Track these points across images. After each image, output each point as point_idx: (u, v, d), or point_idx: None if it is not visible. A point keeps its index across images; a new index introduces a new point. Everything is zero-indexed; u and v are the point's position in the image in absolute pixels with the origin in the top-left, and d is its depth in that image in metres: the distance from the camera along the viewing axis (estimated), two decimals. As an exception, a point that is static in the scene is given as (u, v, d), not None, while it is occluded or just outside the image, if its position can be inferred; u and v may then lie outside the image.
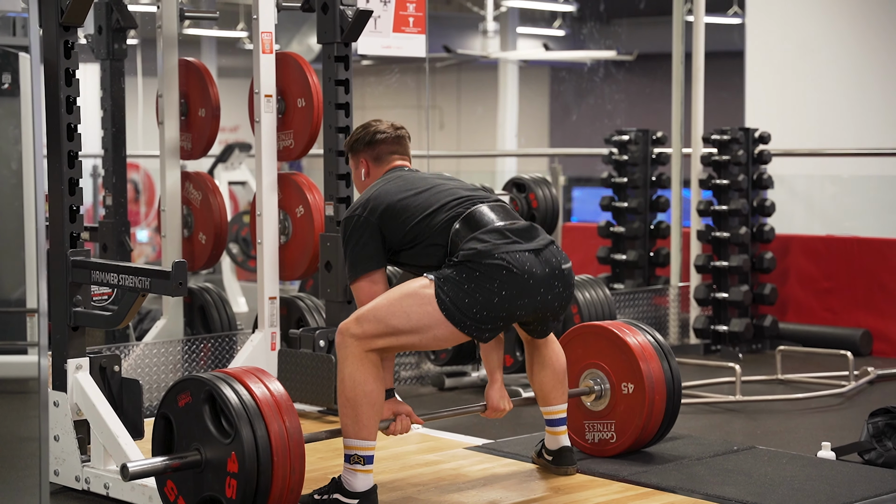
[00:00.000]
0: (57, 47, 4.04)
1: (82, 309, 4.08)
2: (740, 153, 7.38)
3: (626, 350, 4.27)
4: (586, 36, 14.82)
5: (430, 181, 3.87)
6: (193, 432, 3.46)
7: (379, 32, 5.70)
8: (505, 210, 3.81)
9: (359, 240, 3.78)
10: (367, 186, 4.03)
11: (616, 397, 4.30)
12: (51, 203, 4.12)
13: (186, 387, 3.50)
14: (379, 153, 4.04)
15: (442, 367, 6.26)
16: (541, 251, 3.71)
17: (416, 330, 3.63)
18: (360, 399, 3.63)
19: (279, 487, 3.38)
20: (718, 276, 7.39)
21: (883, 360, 6.99)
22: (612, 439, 4.33)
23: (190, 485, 3.47)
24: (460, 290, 3.61)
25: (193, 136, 5.74)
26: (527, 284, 3.66)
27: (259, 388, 3.45)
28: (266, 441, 3.37)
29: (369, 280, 3.79)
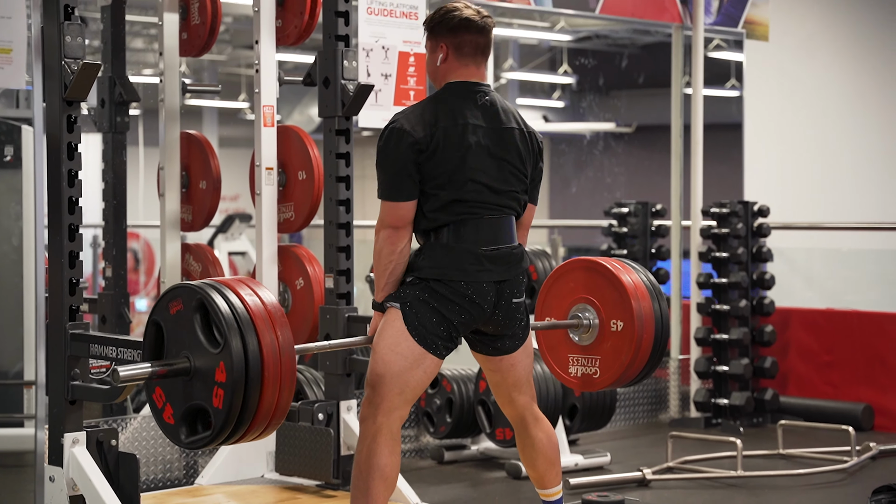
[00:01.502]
0: (60, 121, 4.06)
1: (80, 382, 4.07)
2: (739, 226, 7.39)
3: (618, 286, 4.15)
4: (585, 108, 14.92)
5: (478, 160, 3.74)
6: (183, 340, 3.38)
7: (380, 106, 5.74)
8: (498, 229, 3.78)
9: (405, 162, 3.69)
10: (440, 76, 3.86)
11: (604, 333, 4.18)
12: (50, 276, 4.12)
13: (178, 294, 3.41)
14: (461, 42, 3.81)
15: (441, 440, 6.22)
16: (503, 282, 3.77)
17: (416, 363, 3.68)
18: (373, 473, 3.61)
19: (268, 400, 3.29)
20: (719, 349, 7.37)
21: (885, 436, 6.94)
22: (596, 374, 4.22)
23: (179, 393, 3.39)
24: (427, 310, 3.67)
25: (194, 208, 5.75)
26: (482, 310, 3.74)
27: (251, 298, 3.36)
28: (257, 351, 3.27)
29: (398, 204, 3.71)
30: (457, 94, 3.80)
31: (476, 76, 3.85)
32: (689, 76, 7.88)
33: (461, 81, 3.83)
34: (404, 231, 3.73)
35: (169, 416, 3.43)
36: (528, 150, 3.87)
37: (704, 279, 7.47)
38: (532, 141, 3.88)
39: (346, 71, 5.09)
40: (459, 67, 3.83)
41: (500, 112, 3.84)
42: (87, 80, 4.04)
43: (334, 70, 5.06)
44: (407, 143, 3.68)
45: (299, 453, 5.06)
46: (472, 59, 3.84)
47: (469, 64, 3.83)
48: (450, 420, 6.04)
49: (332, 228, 5.08)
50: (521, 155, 3.84)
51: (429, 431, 6.19)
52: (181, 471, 5.42)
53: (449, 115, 3.74)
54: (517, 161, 3.83)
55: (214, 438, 3.32)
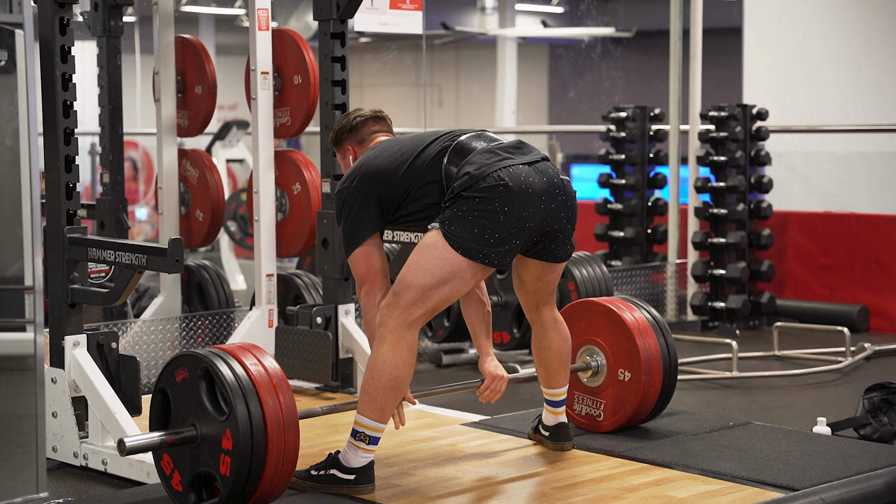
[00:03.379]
0: (52, 24, 4.03)
1: (79, 286, 4.09)
2: (738, 130, 7.38)
3: (622, 327, 4.28)
4: (584, 13, 14.77)
5: (409, 136, 3.89)
6: (190, 408, 3.48)
7: (376, 9, 5.68)
8: (489, 136, 3.81)
9: (351, 209, 3.79)
10: None
11: (611, 379, 4.32)
12: (47, 180, 4.12)
13: (183, 362, 3.51)
14: (362, 136, 4.03)
15: (439, 344, 6.28)
16: (535, 163, 3.72)
17: (444, 280, 3.63)
18: (385, 381, 3.63)
19: (273, 464, 3.39)
20: (716, 253, 7.39)
21: (880, 336, 7.01)
22: (600, 417, 4.36)
23: (186, 460, 3.49)
24: (465, 223, 3.62)
25: (190, 113, 5.73)
26: (527, 195, 3.64)
27: (254, 365, 3.46)
28: (260, 419, 3.37)
29: (363, 251, 3.79)
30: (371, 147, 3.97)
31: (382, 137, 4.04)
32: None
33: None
34: (377, 281, 3.80)
35: (177, 482, 3.52)
36: None
37: (702, 183, 7.47)
38: None
39: (341, -27, 5.03)
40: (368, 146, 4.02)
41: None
42: (78, -18, 4.01)
43: (329, -28, 5.01)
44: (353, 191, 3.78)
45: (298, 357, 5.10)
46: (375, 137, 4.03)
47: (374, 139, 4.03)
48: (448, 324, 6.08)
49: (329, 133, 5.06)
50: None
51: (427, 335, 6.24)
52: (182, 374, 5.47)
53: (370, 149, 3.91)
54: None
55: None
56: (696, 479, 3.82)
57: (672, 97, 7.79)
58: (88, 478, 4.07)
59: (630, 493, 3.69)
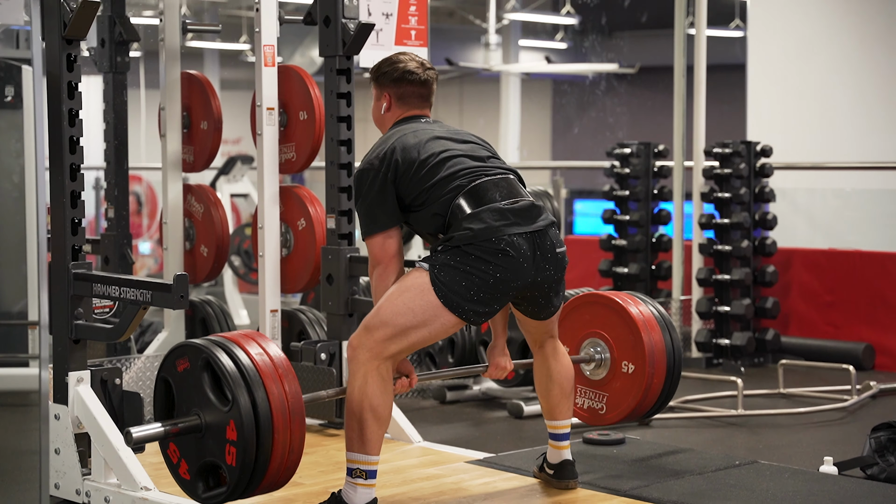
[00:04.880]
0: (59, 60, 4.04)
1: (84, 322, 4.08)
2: (742, 166, 7.38)
3: (628, 320, 4.25)
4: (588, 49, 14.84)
5: (443, 143, 3.81)
6: (193, 397, 3.45)
7: (381, 45, 5.70)
8: (509, 185, 3.78)
9: (376, 194, 3.74)
10: (384, 122, 3.98)
11: (615, 372, 4.30)
12: (53, 215, 4.12)
13: (184, 353, 3.47)
14: (403, 93, 3.94)
15: (443, 381, 6.25)
16: (538, 233, 3.72)
17: (423, 323, 3.63)
18: (366, 414, 3.63)
19: (279, 454, 3.36)
20: (720, 290, 7.39)
21: (885, 375, 6.98)
22: (602, 411, 4.34)
23: (192, 449, 3.46)
24: (456, 273, 3.62)
25: (196, 148, 5.74)
26: (521, 267, 3.67)
27: (258, 353, 3.42)
28: (266, 408, 3.33)
29: (384, 235, 3.75)
30: (404, 123, 3.91)
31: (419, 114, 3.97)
32: (692, 16, 7.83)
33: (406, 116, 3.95)
34: (392, 264, 3.77)
35: (185, 471, 3.50)
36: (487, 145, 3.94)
37: (706, 220, 7.47)
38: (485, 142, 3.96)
39: (347, 10, 5.05)
40: (403, 113, 3.96)
41: (449, 125, 3.97)
42: (86, 18, 4.01)
43: (335, 9, 5.03)
44: (376, 178, 3.74)
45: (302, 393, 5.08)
46: (415, 107, 3.96)
47: (413, 109, 3.96)
48: (452, 360, 6.07)
49: (334, 168, 5.08)
50: (484, 144, 3.92)
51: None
52: (185, 410, 5.45)
53: (402, 133, 3.84)
54: (482, 144, 3.90)
55: (231, 495, 3.40)
56: (702, 518, 3.80)
57: (676, 133, 7.81)
58: (91, 515, 4.05)
59: (636, 532, 3.66)
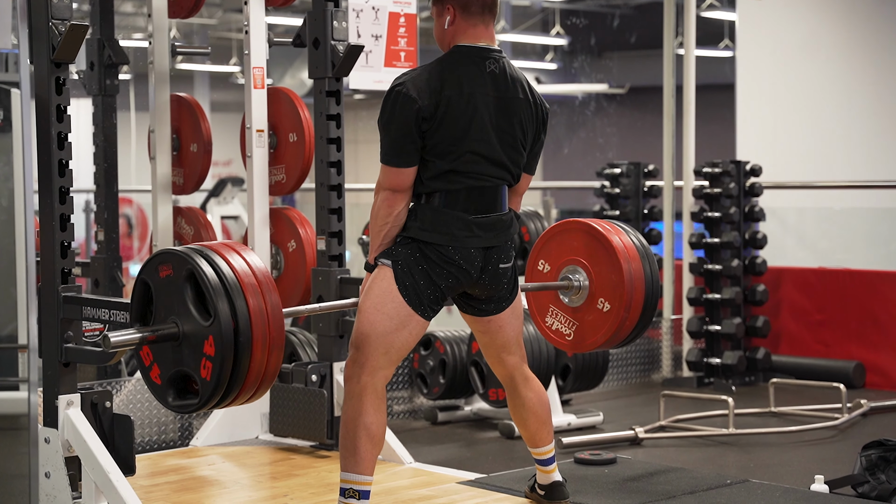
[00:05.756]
0: (48, 83, 4.05)
1: (74, 345, 4.08)
2: (732, 186, 7.40)
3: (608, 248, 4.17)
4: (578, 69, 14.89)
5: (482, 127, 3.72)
6: (172, 305, 3.39)
7: (371, 67, 5.71)
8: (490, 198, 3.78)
9: (408, 127, 3.66)
10: (446, 40, 3.82)
11: (590, 305, 4.22)
12: (42, 239, 4.12)
13: (168, 260, 3.41)
14: (468, 3, 3.77)
15: (434, 402, 6.25)
16: (490, 248, 3.78)
17: (402, 325, 3.69)
18: (360, 433, 3.63)
19: (257, 366, 3.32)
20: (711, 309, 7.39)
21: (876, 393, 6.98)
22: (569, 337, 4.28)
23: (167, 356, 3.42)
24: (415, 272, 3.69)
25: (185, 171, 5.75)
26: (468, 275, 3.76)
27: (240, 263, 3.37)
28: (246, 318, 3.28)
29: (399, 169, 3.70)
30: (464, 60, 3.75)
31: (485, 37, 3.80)
32: (681, 36, 7.86)
33: (469, 45, 3.78)
34: (402, 195, 3.72)
35: (156, 376, 3.45)
36: (532, 120, 3.84)
37: (697, 239, 7.49)
38: (539, 111, 3.87)
39: (336, 32, 5.07)
40: (468, 28, 3.78)
41: (509, 80, 3.81)
42: (75, 42, 4.02)
43: (324, 31, 5.05)
44: (412, 111, 3.64)
45: (293, 415, 5.08)
46: (479, 18, 3.78)
47: (478, 24, 3.78)
48: (443, 381, 6.06)
49: (324, 190, 5.08)
50: (524, 126, 3.83)
51: (422, 392, 6.21)
52: (176, 433, 5.44)
53: (455, 82, 3.70)
54: (519, 133, 3.81)
55: (202, 406, 3.35)
56: (694, 538, 3.79)
57: (666, 153, 7.83)
58: (81, 539, 4.03)
59: (628, 553, 3.66)
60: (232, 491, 4.44)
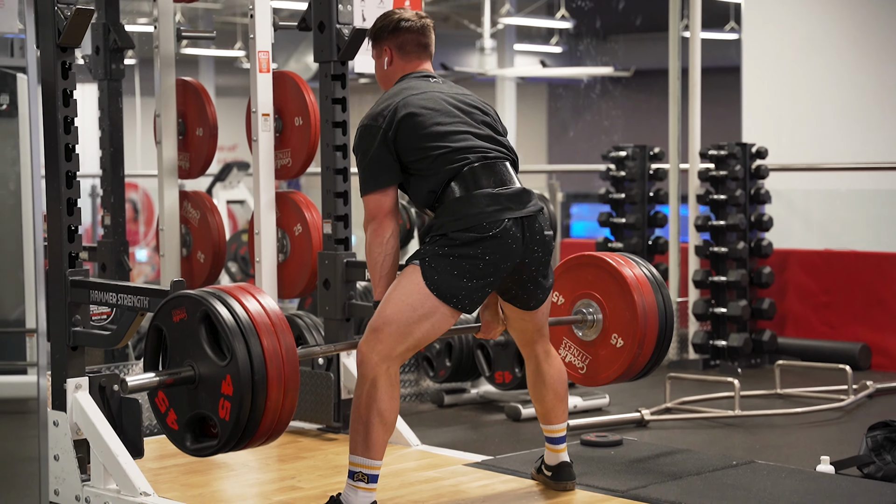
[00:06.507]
0: (54, 68, 4.05)
1: (81, 328, 4.09)
2: (737, 168, 7.40)
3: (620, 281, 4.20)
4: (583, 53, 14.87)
5: (450, 114, 3.79)
6: (188, 348, 3.42)
7: (376, 51, 5.71)
8: (502, 172, 3.79)
9: (376, 151, 3.73)
10: (388, 78, 3.96)
11: (604, 340, 4.26)
12: (49, 223, 4.13)
13: (182, 303, 3.45)
14: (403, 42, 3.93)
15: (441, 385, 6.27)
16: (528, 217, 3.74)
17: (425, 316, 3.65)
18: (373, 418, 3.63)
19: (273, 408, 3.35)
20: (717, 292, 7.40)
21: (882, 374, 7.00)
22: (582, 370, 4.32)
23: (183, 400, 3.44)
24: (446, 263, 3.64)
25: (191, 155, 5.75)
26: (510, 249, 3.69)
27: (254, 306, 3.41)
28: (262, 363, 3.32)
29: (382, 193, 3.75)
30: (411, 80, 3.89)
31: (423, 69, 3.96)
32: (687, 19, 7.85)
33: (411, 72, 3.94)
34: (388, 220, 3.76)
35: (173, 421, 3.48)
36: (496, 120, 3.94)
37: (702, 222, 7.49)
38: (490, 110, 3.96)
39: (341, 15, 5.07)
40: (406, 65, 3.95)
41: (456, 87, 3.96)
42: (80, 26, 4.03)
43: (329, 14, 5.04)
44: (378, 135, 3.73)
45: (300, 398, 5.09)
46: (416, 56, 3.95)
47: (414, 60, 3.95)
48: (449, 364, 6.08)
49: (330, 174, 5.09)
50: (491, 118, 3.91)
51: (428, 375, 6.23)
52: (183, 416, 5.46)
53: (409, 95, 3.81)
54: (486, 116, 3.89)
55: (221, 448, 3.37)
56: (700, 519, 3.81)
57: (671, 136, 7.83)
58: (90, 521, 4.06)
59: (634, 533, 3.68)
60: (240, 473, 4.46)
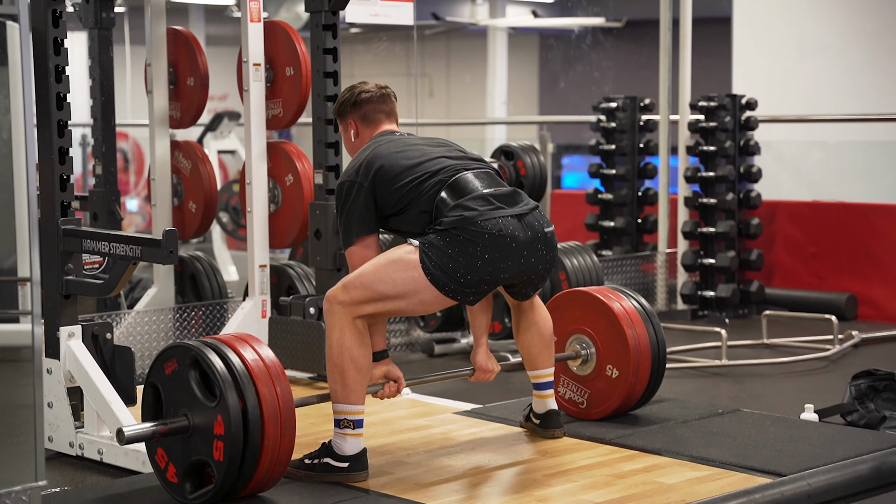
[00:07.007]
0: (45, 16, 4.06)
1: (74, 277, 4.12)
2: (727, 120, 7.42)
3: (610, 315, 4.31)
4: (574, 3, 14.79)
5: (419, 148, 3.90)
6: (181, 399, 3.51)
7: (367, 1, 5.71)
8: (490, 177, 3.86)
9: (353, 204, 3.83)
10: (357, 149, 4.06)
11: (599, 372, 4.36)
12: (41, 172, 4.15)
13: (172, 354, 3.55)
14: (366, 112, 4.05)
15: (431, 334, 6.31)
16: (524, 216, 3.77)
17: (402, 295, 3.69)
18: (346, 365, 3.69)
19: (270, 450, 3.42)
20: (705, 242, 7.44)
21: (867, 325, 7.06)
22: (583, 405, 4.41)
23: (179, 450, 3.52)
24: (444, 255, 3.67)
25: (182, 105, 5.76)
26: (510, 248, 3.72)
27: (248, 352, 3.50)
28: (256, 403, 3.41)
29: (362, 245, 3.83)
30: (377, 139, 3.98)
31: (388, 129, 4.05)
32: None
33: (377, 134, 4.03)
34: None
35: (172, 474, 3.54)
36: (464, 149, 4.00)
37: (692, 173, 7.52)
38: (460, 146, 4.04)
39: (332, -35, 5.06)
40: (371, 131, 4.05)
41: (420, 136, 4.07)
42: (71, -25, 4.03)
43: (320, -36, 5.04)
44: (353, 188, 3.82)
45: (292, 346, 5.14)
46: (379, 122, 4.06)
47: (378, 125, 4.06)
48: (440, 314, 6.12)
49: (321, 124, 5.10)
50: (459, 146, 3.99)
51: (419, 325, 6.28)
52: (176, 365, 5.50)
53: (376, 145, 3.91)
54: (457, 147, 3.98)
55: (219, 489, 3.43)
56: (685, 465, 3.87)
57: (662, 87, 7.83)
58: (84, 467, 4.11)
59: (620, 479, 3.74)
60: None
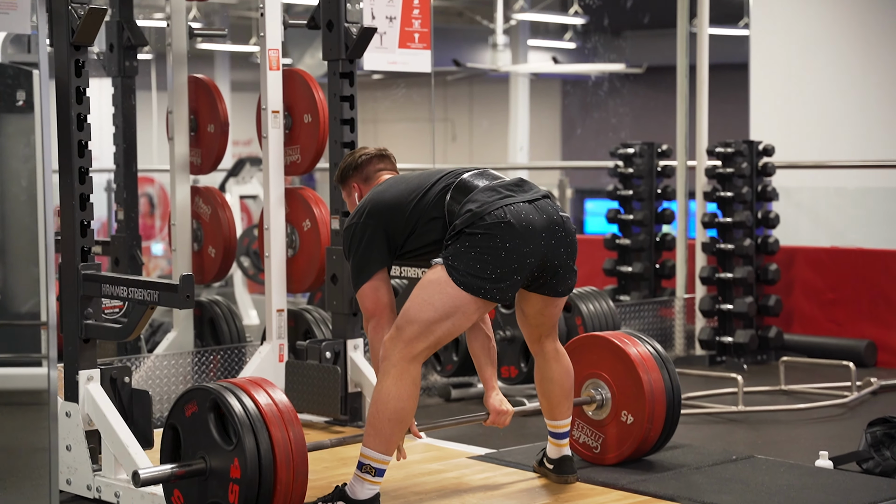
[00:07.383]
0: (68, 66, 4.14)
1: (93, 321, 4.18)
2: (744, 165, 7.45)
3: (626, 360, 4.32)
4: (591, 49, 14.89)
5: (418, 175, 3.98)
6: (199, 441, 3.55)
7: (385, 48, 5.78)
8: (491, 174, 3.91)
9: (360, 244, 3.89)
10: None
11: (614, 417, 4.37)
12: (62, 218, 4.21)
13: (193, 397, 3.59)
14: (367, 173, 4.17)
15: (448, 379, 6.33)
16: (535, 201, 3.81)
17: (447, 315, 3.71)
18: (389, 414, 3.70)
19: (282, 494, 3.46)
20: (723, 288, 7.45)
21: (887, 371, 7.04)
22: (597, 450, 4.42)
23: (196, 493, 3.56)
24: (468, 258, 3.69)
25: (203, 151, 5.84)
26: (527, 232, 3.73)
27: (263, 397, 3.55)
28: (269, 447, 3.45)
29: (371, 286, 3.89)
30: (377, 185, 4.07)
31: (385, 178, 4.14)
32: (695, 15, 7.88)
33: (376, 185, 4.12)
34: (384, 317, 3.91)
35: None
36: None
37: (709, 219, 7.54)
38: None
39: (350, 14, 5.15)
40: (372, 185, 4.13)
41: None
42: (93, 25, 4.11)
43: (338, 13, 5.12)
44: (360, 226, 3.90)
45: (308, 391, 5.17)
46: (378, 174, 4.17)
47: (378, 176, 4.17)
48: (456, 359, 6.14)
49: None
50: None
51: (436, 370, 6.30)
52: (194, 408, 5.54)
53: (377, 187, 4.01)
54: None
55: None
56: (697, 511, 3.87)
57: (679, 133, 7.87)
58: (101, 510, 4.14)
59: (632, 525, 3.74)
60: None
